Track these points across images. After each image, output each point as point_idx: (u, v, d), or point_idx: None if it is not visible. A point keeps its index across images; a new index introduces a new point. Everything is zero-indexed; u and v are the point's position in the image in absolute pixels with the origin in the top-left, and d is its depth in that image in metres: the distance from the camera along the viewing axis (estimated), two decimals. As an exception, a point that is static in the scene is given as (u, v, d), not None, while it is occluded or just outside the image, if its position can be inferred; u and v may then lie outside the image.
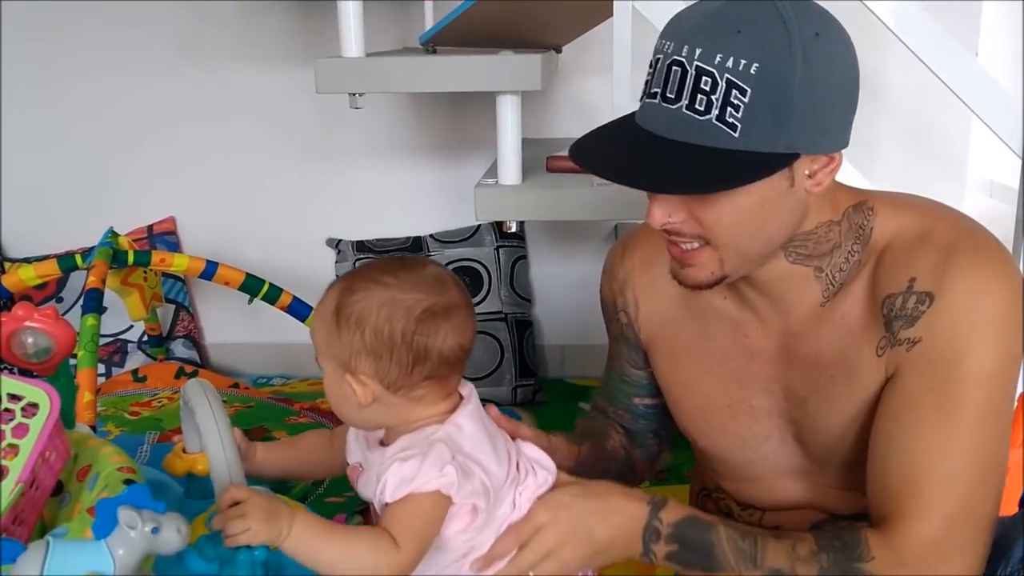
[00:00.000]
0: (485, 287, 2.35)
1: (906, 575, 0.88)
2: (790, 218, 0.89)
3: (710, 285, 0.93)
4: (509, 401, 2.34)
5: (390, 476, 0.83)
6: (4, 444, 0.79)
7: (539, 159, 1.66)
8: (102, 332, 2.11)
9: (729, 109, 0.81)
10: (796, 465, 1.03)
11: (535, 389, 2.38)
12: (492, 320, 2.34)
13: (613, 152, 0.89)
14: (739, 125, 0.81)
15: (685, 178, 0.84)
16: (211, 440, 0.82)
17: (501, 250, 2.37)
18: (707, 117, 0.82)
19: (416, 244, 2.39)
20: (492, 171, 1.63)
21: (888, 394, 0.91)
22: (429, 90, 1.94)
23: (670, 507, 0.96)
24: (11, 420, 0.80)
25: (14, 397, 0.81)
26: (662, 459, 1.23)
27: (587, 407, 1.29)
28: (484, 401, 0.95)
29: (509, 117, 1.48)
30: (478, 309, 2.34)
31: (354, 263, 2.42)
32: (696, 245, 0.90)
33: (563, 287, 2.47)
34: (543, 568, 0.94)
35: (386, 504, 0.83)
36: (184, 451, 0.95)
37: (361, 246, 2.42)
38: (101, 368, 2.48)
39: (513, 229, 1.74)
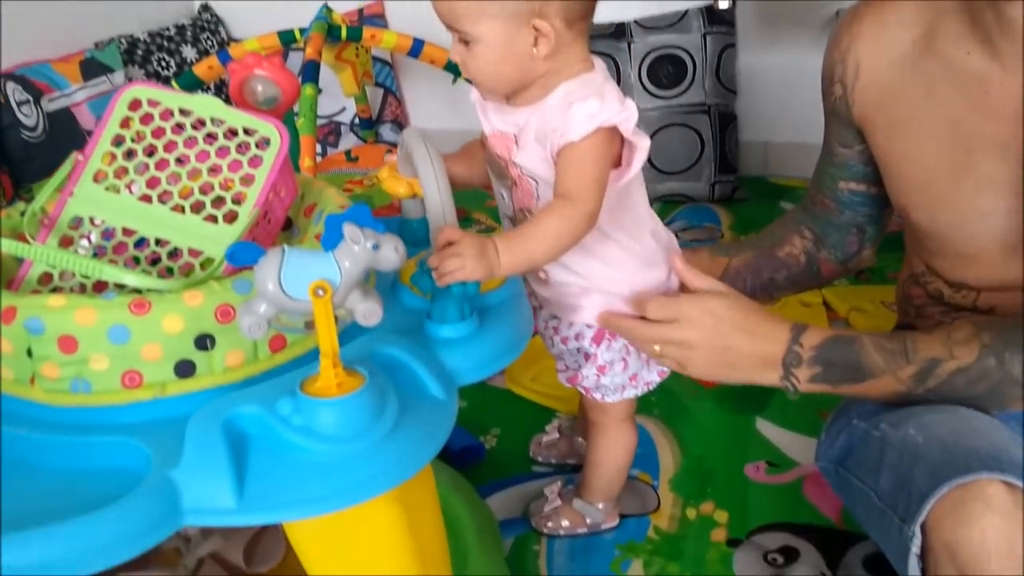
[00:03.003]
0: (689, 76, 2.27)
1: None
2: None
3: None
4: (706, 197, 2.30)
5: (577, 113, 0.87)
6: (242, 173, 0.86)
7: (759, -73, 1.54)
8: (318, 113, 2.24)
9: None
10: (1021, 241, 0.96)
11: (734, 186, 2.32)
12: (694, 112, 2.27)
13: None
14: None
15: None
16: (427, 181, 0.86)
17: (708, 37, 2.26)
18: None
19: (619, 30, 2.32)
20: (706, -59, 1.53)
21: None
22: None
23: (811, 332, 0.97)
24: (246, 152, 0.87)
25: (248, 131, 0.87)
26: (862, 259, 1.20)
27: (789, 207, 1.26)
28: (682, 197, 0.98)
29: None
30: (680, 100, 2.29)
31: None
32: None
33: (772, 80, 2.35)
34: (669, 351, 1.00)
35: (563, 149, 0.88)
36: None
37: (564, 32, 2.38)
38: (318, 148, 2.63)
39: (724, 6, 1.65)
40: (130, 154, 0.88)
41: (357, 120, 2.65)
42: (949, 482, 0.80)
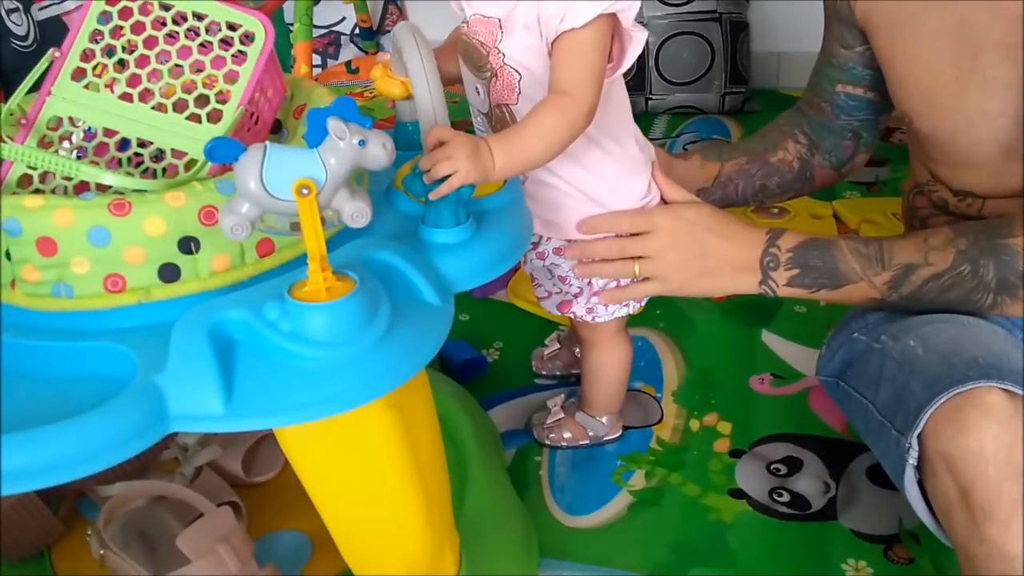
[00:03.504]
0: (700, -18, 2.19)
1: None
2: None
3: None
4: (716, 109, 2.24)
5: None
6: (225, 70, 0.82)
7: None
8: (317, 23, 2.17)
9: None
10: None
11: (745, 98, 2.26)
12: (704, 20, 2.20)
13: None
14: None
15: None
16: (416, 77, 0.82)
17: (721, -60, 2.18)
18: None
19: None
20: None
21: None
22: None
23: (788, 235, 0.96)
24: (230, 48, 0.83)
25: (231, 26, 0.83)
26: (855, 164, 1.17)
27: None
28: (691, 109, 0.95)
29: None
30: (689, 8, 2.21)
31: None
32: None
33: (786, -14, 2.27)
34: (645, 266, 0.99)
35: (562, 36, 0.84)
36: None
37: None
38: (317, 60, 2.57)
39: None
40: (109, 51, 0.84)
41: (357, 30, 2.58)
42: (947, 391, 0.78)
